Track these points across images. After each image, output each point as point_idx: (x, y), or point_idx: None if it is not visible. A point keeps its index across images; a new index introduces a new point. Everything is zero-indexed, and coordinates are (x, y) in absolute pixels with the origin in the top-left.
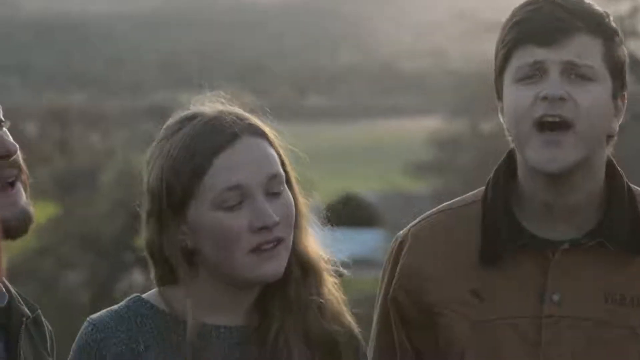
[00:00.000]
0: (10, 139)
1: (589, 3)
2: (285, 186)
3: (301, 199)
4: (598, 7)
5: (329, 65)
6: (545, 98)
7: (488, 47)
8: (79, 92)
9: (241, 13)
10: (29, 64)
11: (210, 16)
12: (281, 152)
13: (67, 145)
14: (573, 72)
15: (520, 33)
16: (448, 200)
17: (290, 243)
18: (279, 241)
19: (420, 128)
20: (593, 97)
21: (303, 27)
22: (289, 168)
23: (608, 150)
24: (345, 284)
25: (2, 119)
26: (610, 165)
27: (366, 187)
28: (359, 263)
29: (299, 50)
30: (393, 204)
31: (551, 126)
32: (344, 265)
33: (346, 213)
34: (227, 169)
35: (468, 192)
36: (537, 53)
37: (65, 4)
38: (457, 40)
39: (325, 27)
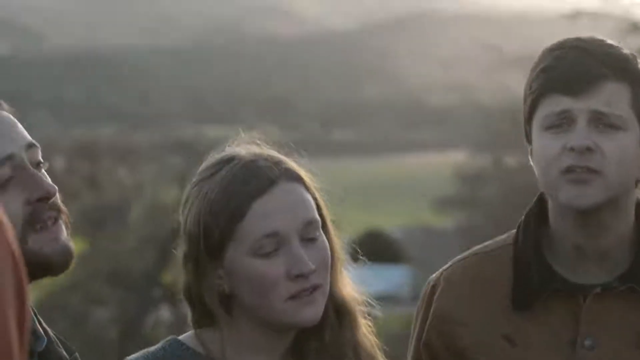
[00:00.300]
0: (49, 180)
1: (615, 46)
2: (321, 231)
3: (336, 241)
4: (625, 50)
5: (354, 100)
6: (572, 149)
7: (513, 81)
8: (108, 126)
9: (268, 48)
10: (58, 98)
11: (239, 51)
12: (317, 195)
13: (95, 179)
14: (601, 121)
15: (546, 81)
16: (472, 235)
17: (327, 288)
18: (315, 288)
19: (445, 162)
20: (621, 146)
21: (330, 61)
22: (324, 211)
23: (638, 193)
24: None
25: (42, 160)
26: None
27: (391, 222)
28: (384, 300)
29: (325, 85)
30: (418, 239)
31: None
32: (372, 303)
33: (371, 249)
34: (265, 216)
35: (492, 227)
36: (564, 102)
37: (94, 39)
38: (483, 73)
39: (351, 61)
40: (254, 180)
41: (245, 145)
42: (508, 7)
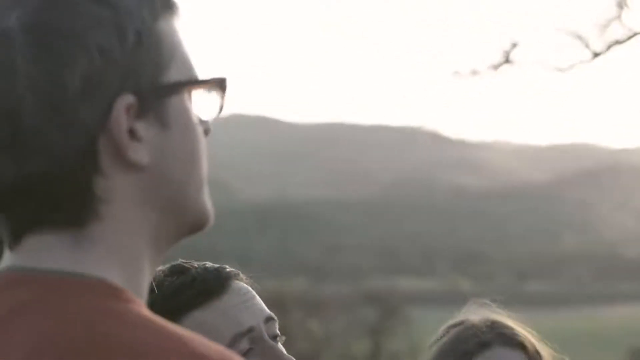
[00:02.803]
0: (286, 353)
1: None
2: None
3: None
4: None
5: (550, 251)
6: None
7: None
8: (297, 278)
9: (462, 200)
10: (247, 250)
11: (430, 203)
12: None
13: (285, 331)
14: None
15: None
16: None
17: None
18: None
19: None
20: None
21: (525, 213)
22: None
23: None
24: None
25: (279, 333)
26: None
27: None
28: None
29: (520, 236)
30: None
31: None
32: None
33: None
34: None
35: None
36: None
37: (283, 190)
38: None
39: (548, 213)
40: (465, 345)
41: (480, 310)
42: None
